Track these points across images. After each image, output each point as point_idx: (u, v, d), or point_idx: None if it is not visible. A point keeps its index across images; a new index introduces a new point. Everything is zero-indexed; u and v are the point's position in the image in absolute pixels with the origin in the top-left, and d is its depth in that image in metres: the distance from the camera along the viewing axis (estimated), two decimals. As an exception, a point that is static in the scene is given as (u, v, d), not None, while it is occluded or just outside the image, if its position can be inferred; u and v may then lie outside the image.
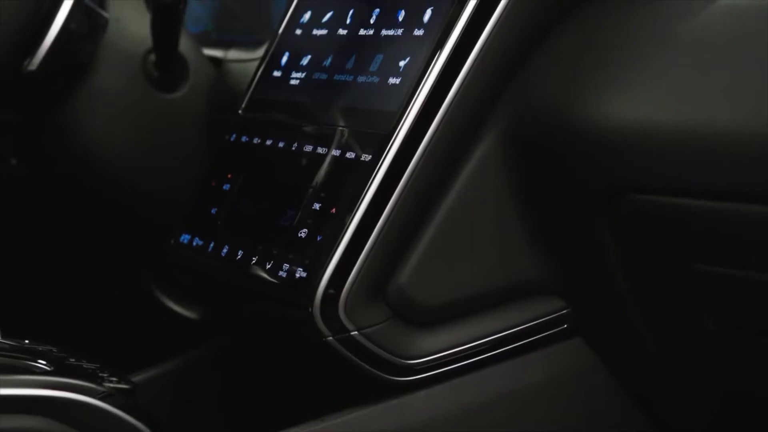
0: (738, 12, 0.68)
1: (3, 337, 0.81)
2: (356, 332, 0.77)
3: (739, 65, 0.66)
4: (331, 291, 0.76)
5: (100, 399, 0.71)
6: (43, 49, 0.99)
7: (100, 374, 0.75)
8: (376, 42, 0.84)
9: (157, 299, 1.25)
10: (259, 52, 1.09)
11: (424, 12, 0.81)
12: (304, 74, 0.90)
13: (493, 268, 0.80)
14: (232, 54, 1.16)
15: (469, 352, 0.80)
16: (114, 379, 0.74)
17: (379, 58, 0.83)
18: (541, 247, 0.79)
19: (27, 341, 0.81)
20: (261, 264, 0.82)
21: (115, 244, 1.26)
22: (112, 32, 1.09)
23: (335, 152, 0.81)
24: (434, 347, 0.79)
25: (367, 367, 0.78)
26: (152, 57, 1.11)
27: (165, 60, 1.11)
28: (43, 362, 0.74)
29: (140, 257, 1.23)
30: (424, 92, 0.77)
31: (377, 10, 0.86)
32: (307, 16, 0.93)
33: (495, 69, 0.77)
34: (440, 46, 0.77)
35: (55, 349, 0.80)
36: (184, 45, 1.12)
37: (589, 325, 0.81)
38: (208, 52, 1.19)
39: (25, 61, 0.99)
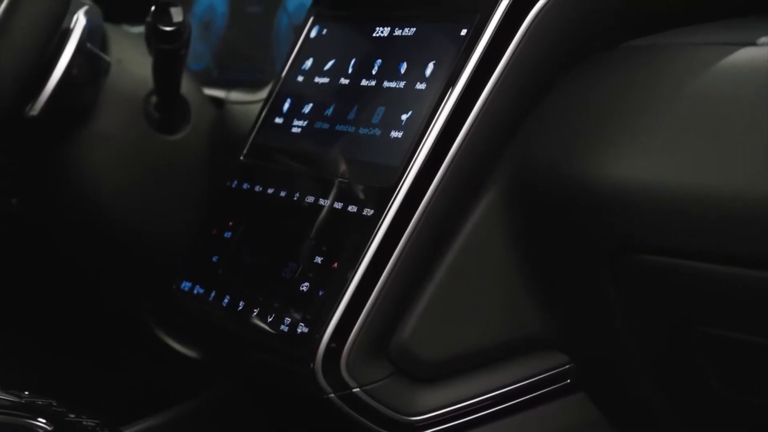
0: (743, 74, 0.68)
1: (2, 390, 0.80)
2: (358, 389, 0.77)
3: (740, 128, 0.66)
4: (333, 347, 0.76)
5: (99, 461, 0.71)
6: (45, 95, 0.99)
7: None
8: (378, 94, 0.84)
9: (158, 338, 1.24)
10: (261, 94, 1.09)
11: (425, 65, 0.81)
12: (305, 122, 0.90)
13: (495, 324, 0.79)
14: (234, 95, 1.16)
15: (472, 408, 0.79)
16: (114, 438, 0.74)
17: (381, 110, 0.83)
18: (544, 302, 0.79)
19: (27, 392, 0.81)
20: (262, 317, 0.81)
21: (115, 283, 1.25)
22: (113, 74, 1.09)
23: (337, 205, 0.81)
24: (437, 404, 0.78)
25: (370, 424, 0.78)
26: (154, 99, 1.11)
27: (166, 102, 1.11)
28: (44, 421, 0.73)
29: (142, 296, 1.23)
30: (426, 148, 0.77)
31: (379, 61, 0.85)
32: (308, 63, 0.93)
33: (497, 124, 0.77)
34: (443, 101, 0.77)
35: (54, 403, 0.80)
36: (186, 86, 1.12)
37: (592, 381, 0.80)
38: (210, 92, 1.19)
39: (27, 106, 0.99)
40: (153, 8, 1.00)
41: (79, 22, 1.01)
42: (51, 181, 1.12)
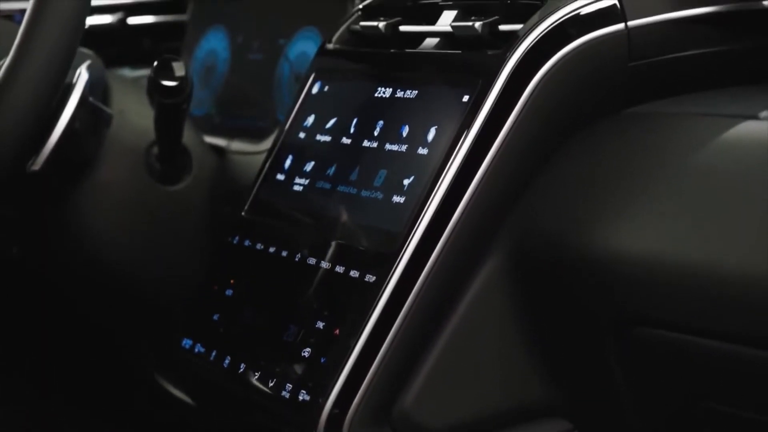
0: (745, 148, 0.68)
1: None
2: (360, 458, 0.77)
3: (741, 204, 0.65)
4: (335, 415, 0.76)
5: None
6: (47, 150, 0.99)
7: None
8: (380, 156, 0.84)
9: (159, 385, 1.24)
10: (263, 145, 1.09)
11: (427, 130, 0.81)
12: (307, 181, 0.89)
13: (498, 391, 0.79)
14: (236, 145, 1.16)
15: (474, 476, 0.79)
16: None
17: (383, 173, 0.83)
18: (546, 369, 0.79)
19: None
20: (263, 381, 0.81)
21: (116, 332, 1.25)
22: (115, 125, 1.09)
23: (339, 269, 0.81)
24: (438, 472, 0.78)
25: (370, 493, 0.77)
26: (155, 149, 1.11)
27: (168, 153, 1.10)
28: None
29: (142, 345, 1.23)
30: (428, 215, 0.77)
31: (381, 122, 0.85)
32: (310, 119, 0.93)
33: (499, 192, 0.77)
34: (445, 168, 0.77)
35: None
36: (187, 135, 1.12)
37: (596, 448, 0.80)
38: (211, 140, 1.19)
39: (29, 161, 0.99)
40: (155, 63, 1.00)
41: (82, 76, 1.01)
42: (52, 232, 1.11)
